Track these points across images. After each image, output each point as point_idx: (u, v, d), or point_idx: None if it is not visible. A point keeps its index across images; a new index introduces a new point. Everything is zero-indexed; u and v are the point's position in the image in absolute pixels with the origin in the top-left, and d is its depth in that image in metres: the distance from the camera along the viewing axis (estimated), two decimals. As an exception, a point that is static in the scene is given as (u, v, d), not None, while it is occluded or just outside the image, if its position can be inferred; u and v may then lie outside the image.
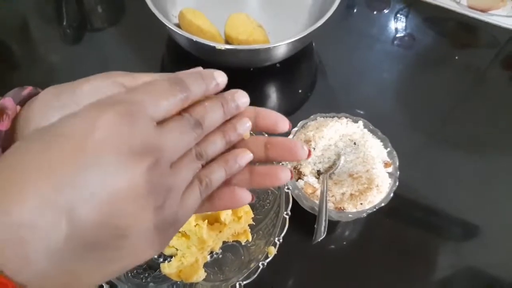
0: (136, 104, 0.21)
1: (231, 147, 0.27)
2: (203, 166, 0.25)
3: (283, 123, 0.28)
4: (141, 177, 0.20)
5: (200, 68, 0.26)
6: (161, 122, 0.22)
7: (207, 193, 0.25)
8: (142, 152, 0.20)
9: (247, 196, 0.27)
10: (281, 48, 0.58)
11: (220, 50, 0.55)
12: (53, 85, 0.26)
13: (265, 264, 0.43)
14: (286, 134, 0.25)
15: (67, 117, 0.20)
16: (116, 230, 0.19)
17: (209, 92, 0.25)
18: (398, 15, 0.77)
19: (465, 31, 0.77)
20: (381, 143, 0.53)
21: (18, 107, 0.25)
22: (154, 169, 0.20)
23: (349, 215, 0.48)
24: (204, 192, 0.25)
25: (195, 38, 0.56)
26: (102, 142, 0.19)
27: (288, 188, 0.48)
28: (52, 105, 0.24)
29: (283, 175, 0.27)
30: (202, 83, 0.24)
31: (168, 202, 0.22)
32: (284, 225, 0.45)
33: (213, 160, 0.26)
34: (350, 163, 0.52)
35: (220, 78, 0.26)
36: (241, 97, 0.26)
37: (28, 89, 0.26)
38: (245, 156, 0.27)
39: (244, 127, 0.27)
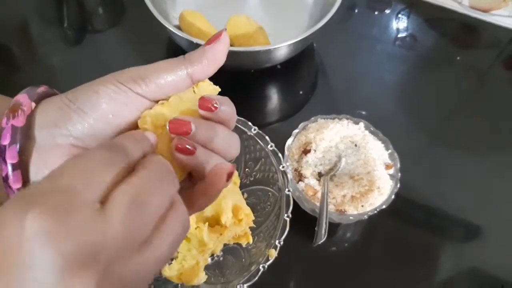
0: (70, 192, 0.18)
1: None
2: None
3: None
4: None
5: (132, 133, 0.24)
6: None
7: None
8: (78, 257, 0.16)
9: (226, 167, 0.25)
10: (282, 50, 0.58)
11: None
12: (72, 89, 0.25)
13: (266, 266, 0.43)
14: (287, 135, 0.24)
15: None
16: None
17: (145, 152, 0.23)
18: (399, 15, 0.77)
19: (467, 31, 0.76)
20: (382, 145, 0.53)
21: (33, 104, 0.24)
22: (101, 280, 0.17)
23: (350, 217, 0.48)
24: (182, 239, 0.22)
25: (195, 40, 0.56)
26: (32, 259, 0.16)
27: (288, 190, 0.47)
28: (71, 107, 0.24)
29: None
30: (139, 146, 0.22)
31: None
32: (285, 228, 0.45)
33: None
34: (351, 165, 0.52)
35: (152, 137, 0.24)
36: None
37: (43, 88, 0.26)
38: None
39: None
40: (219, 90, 0.28)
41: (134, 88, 0.24)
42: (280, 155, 0.49)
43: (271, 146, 0.49)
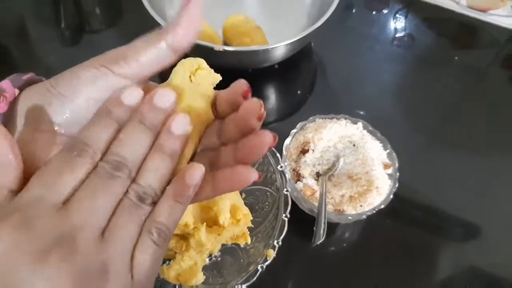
0: (30, 206, 0.19)
1: None
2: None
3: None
4: (58, 274, 0.18)
5: (103, 104, 0.22)
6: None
7: (169, 238, 0.22)
8: (47, 248, 0.18)
9: (253, 174, 0.23)
10: (279, 49, 0.58)
11: (218, 51, 0.55)
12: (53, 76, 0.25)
13: (264, 267, 0.43)
14: (285, 135, 0.24)
15: None
16: None
17: (124, 121, 0.22)
18: (397, 15, 0.77)
19: (465, 31, 0.76)
20: (381, 145, 0.53)
21: (17, 91, 0.24)
22: (70, 257, 0.18)
23: (349, 217, 0.48)
24: (163, 240, 0.21)
25: (193, 39, 0.55)
26: (6, 266, 0.18)
27: (287, 190, 0.47)
28: (51, 92, 0.23)
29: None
30: (108, 125, 0.21)
31: (112, 282, 0.19)
32: (283, 228, 0.45)
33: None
34: (349, 164, 0.52)
35: (130, 97, 0.22)
36: (163, 96, 0.22)
37: (29, 75, 0.25)
38: (195, 173, 0.22)
39: (183, 125, 0.22)
40: (220, 78, 0.26)
41: (115, 69, 0.23)
42: (278, 155, 0.49)
43: (269, 146, 0.48)
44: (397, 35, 0.75)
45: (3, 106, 0.23)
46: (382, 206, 0.48)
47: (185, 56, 0.25)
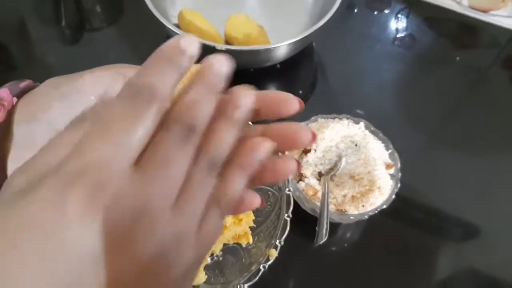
0: (100, 169, 0.16)
1: None
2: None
3: (291, 102, 0.21)
4: (141, 250, 0.17)
5: (160, 49, 0.19)
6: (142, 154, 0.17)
7: (229, 212, 0.20)
8: (125, 223, 0.16)
9: (257, 200, 0.22)
10: (281, 49, 0.58)
11: (220, 50, 0.54)
12: (54, 76, 0.25)
13: (266, 266, 0.43)
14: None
15: (24, 201, 0.16)
16: None
17: (184, 72, 0.19)
18: (399, 15, 0.77)
19: (466, 31, 0.76)
20: (383, 145, 0.53)
21: (15, 99, 0.24)
22: (150, 231, 0.17)
23: (351, 217, 0.48)
24: (225, 213, 0.20)
25: (195, 38, 0.55)
26: (76, 238, 0.16)
27: (289, 190, 0.47)
28: (51, 95, 0.23)
29: (291, 166, 0.21)
30: (169, 73, 0.18)
31: (183, 255, 0.18)
32: (285, 227, 0.45)
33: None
34: (351, 164, 0.52)
35: (192, 46, 0.18)
36: (221, 61, 0.20)
37: (26, 82, 0.25)
38: (263, 148, 0.20)
39: (248, 98, 0.20)
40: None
41: (127, 72, 0.23)
42: (280, 154, 0.48)
43: (271, 146, 0.48)
44: (399, 35, 0.75)
45: (1, 115, 0.23)
46: (384, 206, 0.48)
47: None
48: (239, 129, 0.20)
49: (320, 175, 0.51)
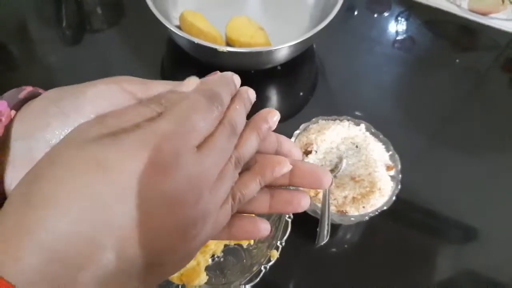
0: (179, 135, 0.20)
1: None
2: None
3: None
4: (185, 215, 0.20)
5: (219, 74, 0.25)
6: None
7: (236, 209, 0.24)
8: (181, 194, 0.19)
9: (267, 228, 0.26)
10: (282, 51, 0.58)
11: (221, 52, 0.55)
12: (55, 88, 0.24)
13: (268, 267, 0.43)
14: (288, 136, 0.24)
15: (104, 146, 0.19)
16: (157, 261, 0.20)
17: (233, 93, 0.25)
18: (399, 18, 0.77)
19: (466, 34, 0.77)
20: (383, 146, 0.53)
21: (13, 112, 0.23)
22: (198, 206, 0.20)
23: (352, 219, 0.48)
24: (234, 208, 0.24)
25: (196, 40, 0.55)
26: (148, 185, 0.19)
27: (290, 191, 0.47)
28: (50, 112, 0.22)
29: (305, 202, 0.26)
30: (229, 91, 0.24)
31: (205, 229, 0.21)
32: (287, 229, 0.45)
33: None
34: (352, 166, 0.52)
35: (237, 80, 0.26)
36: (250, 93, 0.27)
37: (26, 91, 0.24)
38: (283, 167, 0.25)
39: (273, 114, 0.26)
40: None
41: (124, 85, 0.23)
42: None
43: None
44: (399, 37, 0.75)
45: None
46: (385, 208, 0.48)
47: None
48: (262, 139, 0.25)
49: (321, 176, 0.51)
